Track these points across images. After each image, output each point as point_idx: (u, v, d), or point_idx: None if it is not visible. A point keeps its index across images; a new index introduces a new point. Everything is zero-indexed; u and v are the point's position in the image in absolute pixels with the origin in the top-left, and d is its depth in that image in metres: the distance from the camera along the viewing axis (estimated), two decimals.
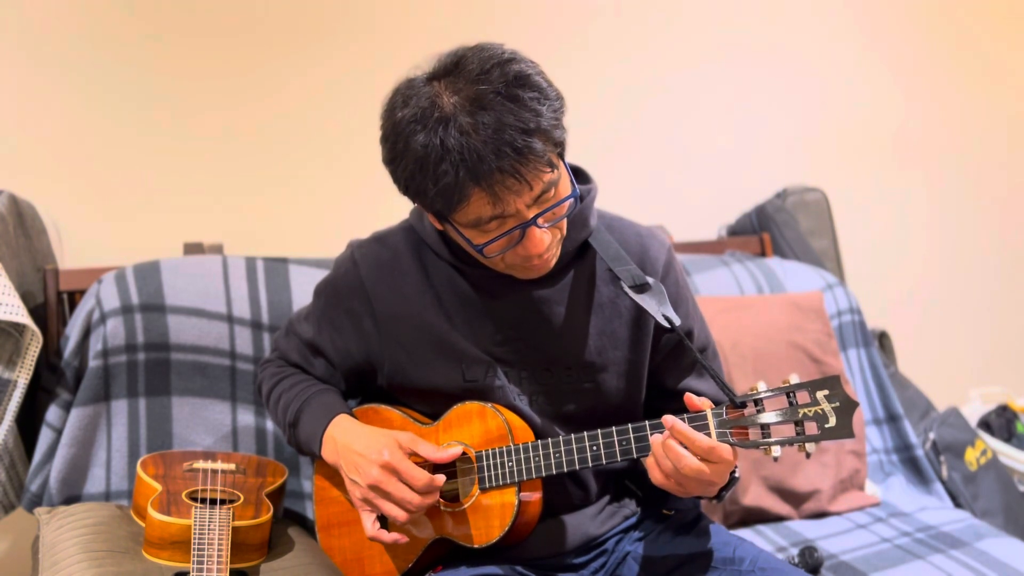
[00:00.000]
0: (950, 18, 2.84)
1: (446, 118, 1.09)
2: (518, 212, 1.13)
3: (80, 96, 1.99)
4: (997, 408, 2.60)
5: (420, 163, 1.11)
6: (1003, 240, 2.97)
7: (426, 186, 1.12)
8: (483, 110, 1.08)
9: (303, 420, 1.37)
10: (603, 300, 1.32)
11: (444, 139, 1.08)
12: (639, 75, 2.46)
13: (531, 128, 1.08)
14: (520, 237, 1.16)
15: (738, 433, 1.12)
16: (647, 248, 1.34)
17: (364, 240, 1.39)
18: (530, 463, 1.23)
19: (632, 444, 1.18)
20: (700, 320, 1.40)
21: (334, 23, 2.18)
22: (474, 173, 1.08)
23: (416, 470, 1.22)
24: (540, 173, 1.11)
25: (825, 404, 1.09)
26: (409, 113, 1.12)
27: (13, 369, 1.60)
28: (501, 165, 1.08)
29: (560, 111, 1.13)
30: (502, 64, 1.10)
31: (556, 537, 1.33)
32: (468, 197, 1.11)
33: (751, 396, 1.12)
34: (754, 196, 2.49)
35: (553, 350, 1.31)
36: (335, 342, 1.39)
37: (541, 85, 1.12)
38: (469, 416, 1.29)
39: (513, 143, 1.07)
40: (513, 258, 1.20)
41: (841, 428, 1.08)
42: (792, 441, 1.09)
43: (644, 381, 1.35)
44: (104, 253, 1.93)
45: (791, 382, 1.11)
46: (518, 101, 1.09)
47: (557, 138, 1.12)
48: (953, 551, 1.69)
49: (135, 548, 1.36)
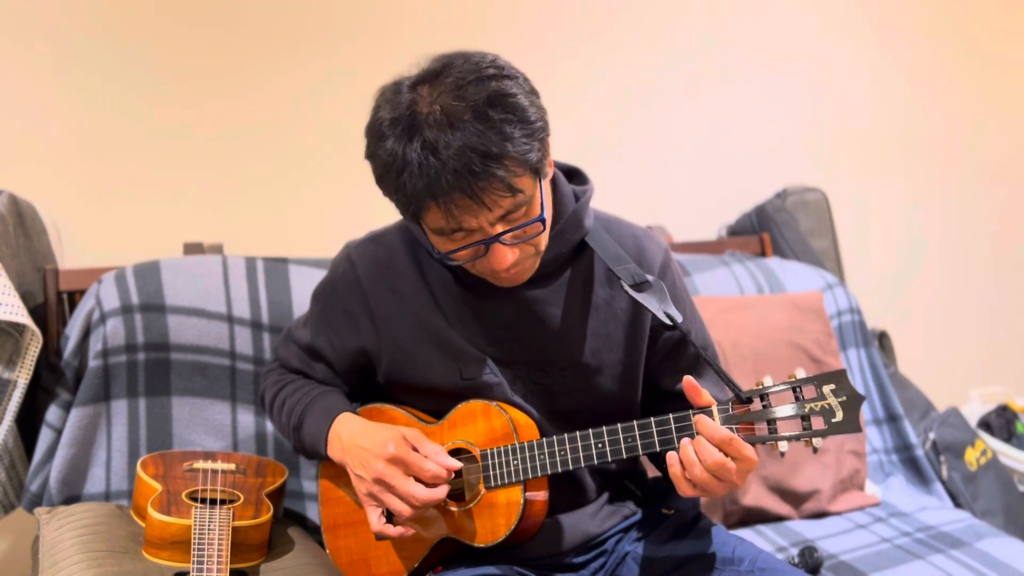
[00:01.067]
0: (951, 18, 2.84)
1: (415, 129, 1.09)
2: (481, 228, 1.13)
3: (80, 96, 1.99)
4: (997, 408, 2.60)
5: (386, 167, 1.13)
6: (1003, 240, 2.97)
7: (390, 190, 1.15)
8: (451, 128, 1.07)
9: (307, 422, 1.37)
10: (599, 302, 1.31)
11: (406, 151, 1.09)
12: (639, 75, 2.46)
13: (494, 153, 1.07)
14: (485, 251, 1.16)
15: (744, 428, 1.11)
16: (644, 249, 1.34)
17: (360, 240, 1.40)
18: (535, 461, 1.23)
19: (638, 441, 1.18)
20: (699, 322, 1.39)
21: (335, 23, 2.18)
22: (430, 190, 1.09)
23: (424, 462, 1.22)
24: (498, 197, 1.10)
25: (832, 399, 1.08)
26: (387, 115, 1.13)
27: (13, 369, 1.60)
28: (459, 185, 1.08)
29: (538, 134, 1.12)
30: (482, 80, 1.10)
31: (555, 536, 1.33)
32: (426, 208, 1.12)
33: (757, 391, 1.11)
34: (754, 196, 2.49)
35: (547, 351, 1.31)
36: (334, 344, 1.40)
37: (519, 105, 1.10)
38: (474, 414, 1.29)
39: (471, 166, 1.07)
40: (482, 267, 1.20)
41: (848, 423, 1.07)
42: (799, 436, 1.09)
43: (639, 383, 1.35)
44: (104, 253, 1.93)
45: (797, 377, 1.11)
46: (488, 122, 1.08)
47: (531, 161, 1.11)
48: (953, 551, 1.69)
49: (135, 548, 1.36)
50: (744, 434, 1.11)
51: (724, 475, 1.10)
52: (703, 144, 2.55)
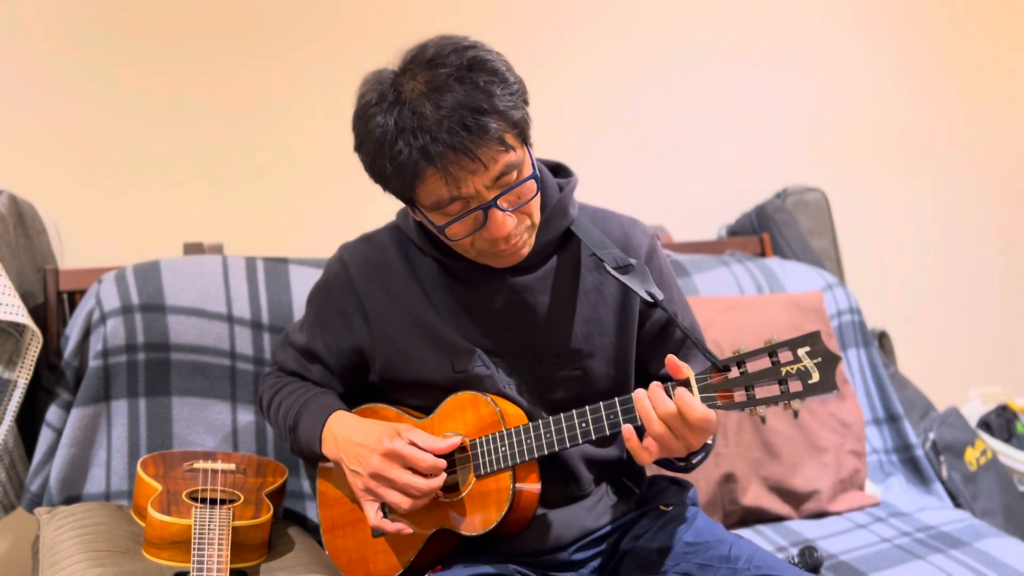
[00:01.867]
0: (950, 18, 2.84)
1: (402, 100, 1.13)
2: (478, 193, 1.15)
3: (80, 96, 1.99)
4: (997, 408, 2.60)
5: (378, 144, 1.15)
6: (1003, 240, 2.97)
7: (384, 167, 1.16)
8: (437, 91, 1.12)
9: (302, 422, 1.39)
10: (588, 287, 1.33)
11: (399, 119, 1.13)
12: (639, 75, 2.46)
13: (484, 108, 1.11)
14: (483, 220, 1.18)
15: (723, 397, 1.11)
16: (630, 236, 1.36)
17: (352, 241, 1.43)
18: (522, 446, 1.24)
19: (620, 416, 1.18)
20: (684, 305, 1.41)
21: (336, 24, 2.18)
22: (426, 152, 1.11)
23: (419, 452, 1.23)
24: (494, 153, 1.13)
25: (807, 360, 1.09)
26: (372, 98, 1.17)
27: (13, 369, 1.60)
28: (453, 143, 1.10)
29: (518, 95, 1.16)
30: (459, 50, 1.15)
31: (553, 530, 1.34)
32: (423, 176, 1.14)
33: (734, 359, 1.12)
34: (754, 196, 2.49)
35: (539, 338, 1.32)
36: (329, 345, 1.41)
37: (498, 70, 1.15)
38: (462, 406, 1.31)
39: (464, 121, 1.10)
40: (481, 243, 1.22)
41: (824, 383, 1.07)
42: (777, 400, 1.09)
43: (632, 367, 1.37)
44: (104, 253, 1.93)
45: (773, 341, 1.11)
46: (471, 83, 1.12)
47: (515, 118, 1.15)
48: (953, 551, 1.69)
49: (135, 548, 1.36)
50: (723, 402, 1.11)
51: (678, 429, 1.11)
52: (703, 144, 2.55)
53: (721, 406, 1.11)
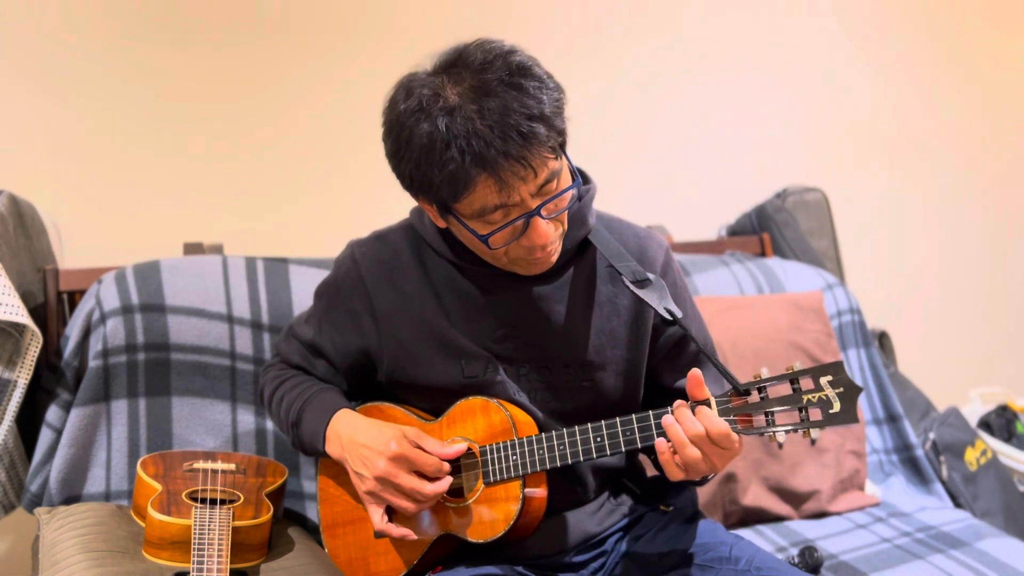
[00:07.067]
0: (950, 20, 2.84)
1: (451, 106, 1.10)
2: (523, 201, 1.14)
3: (80, 96, 1.99)
4: (997, 408, 2.60)
5: (425, 152, 1.12)
6: (1003, 240, 2.97)
7: (431, 175, 1.13)
8: (487, 97, 1.09)
9: (305, 418, 1.37)
10: (602, 299, 1.32)
11: (450, 125, 1.09)
12: (639, 76, 2.47)
13: (535, 114, 1.09)
14: (524, 228, 1.17)
15: (743, 420, 1.11)
16: (645, 248, 1.35)
17: (364, 239, 1.40)
18: (534, 456, 1.23)
19: (636, 434, 1.18)
20: (699, 320, 1.40)
21: (335, 24, 2.18)
22: (480, 158, 1.09)
23: (426, 456, 1.22)
24: (545, 159, 1.12)
25: (829, 390, 1.09)
26: (413, 104, 1.13)
27: (13, 369, 1.60)
28: (507, 150, 1.08)
29: (560, 101, 1.15)
30: (504, 55, 1.12)
31: (555, 535, 1.33)
32: (474, 184, 1.11)
33: (755, 384, 1.12)
34: (754, 196, 2.49)
35: (551, 347, 1.31)
36: (335, 342, 1.40)
37: (542, 76, 1.14)
38: (473, 411, 1.29)
39: (519, 127, 1.08)
40: (517, 251, 1.20)
41: (845, 413, 1.07)
42: (797, 427, 1.09)
43: (642, 380, 1.36)
44: (104, 253, 1.93)
45: (795, 369, 1.11)
46: (521, 89, 1.10)
47: (559, 126, 1.14)
48: (953, 551, 1.69)
49: (135, 548, 1.36)
50: (742, 426, 1.11)
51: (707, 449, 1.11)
52: (703, 144, 2.55)
53: (740, 430, 1.11)
